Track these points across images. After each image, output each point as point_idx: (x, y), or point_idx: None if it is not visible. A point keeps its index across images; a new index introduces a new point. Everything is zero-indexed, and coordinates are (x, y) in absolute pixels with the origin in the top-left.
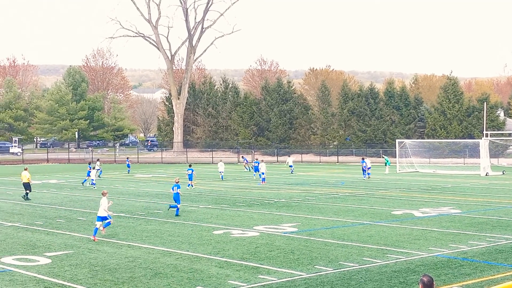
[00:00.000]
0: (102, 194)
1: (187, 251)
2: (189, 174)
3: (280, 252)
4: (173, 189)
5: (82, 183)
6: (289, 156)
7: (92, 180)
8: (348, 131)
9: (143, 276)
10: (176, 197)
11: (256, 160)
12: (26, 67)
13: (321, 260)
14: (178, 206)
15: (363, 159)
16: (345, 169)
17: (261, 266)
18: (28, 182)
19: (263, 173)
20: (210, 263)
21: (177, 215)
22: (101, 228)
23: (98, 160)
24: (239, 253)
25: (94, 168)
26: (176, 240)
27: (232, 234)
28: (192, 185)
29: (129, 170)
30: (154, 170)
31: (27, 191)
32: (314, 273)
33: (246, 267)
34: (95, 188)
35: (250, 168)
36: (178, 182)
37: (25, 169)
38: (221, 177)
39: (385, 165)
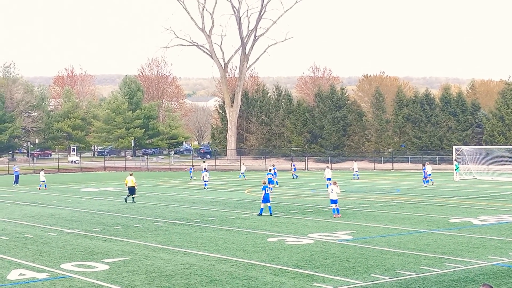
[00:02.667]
0: (333, 183)
1: (242, 258)
2: (269, 178)
3: (335, 260)
4: (264, 189)
5: (204, 186)
6: (355, 162)
7: (206, 181)
8: (403, 137)
9: (199, 283)
10: (267, 197)
11: (273, 166)
12: (83, 77)
13: (377, 269)
14: (269, 204)
15: (424, 165)
16: (401, 176)
17: (316, 274)
18: (134, 186)
19: (329, 179)
20: (265, 270)
21: (271, 214)
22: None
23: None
24: (294, 261)
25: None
26: (230, 247)
27: (286, 241)
28: (271, 188)
29: (191, 177)
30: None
31: (133, 196)
32: (370, 281)
33: (301, 275)
34: (206, 188)
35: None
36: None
37: (131, 174)
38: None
39: (456, 171)
